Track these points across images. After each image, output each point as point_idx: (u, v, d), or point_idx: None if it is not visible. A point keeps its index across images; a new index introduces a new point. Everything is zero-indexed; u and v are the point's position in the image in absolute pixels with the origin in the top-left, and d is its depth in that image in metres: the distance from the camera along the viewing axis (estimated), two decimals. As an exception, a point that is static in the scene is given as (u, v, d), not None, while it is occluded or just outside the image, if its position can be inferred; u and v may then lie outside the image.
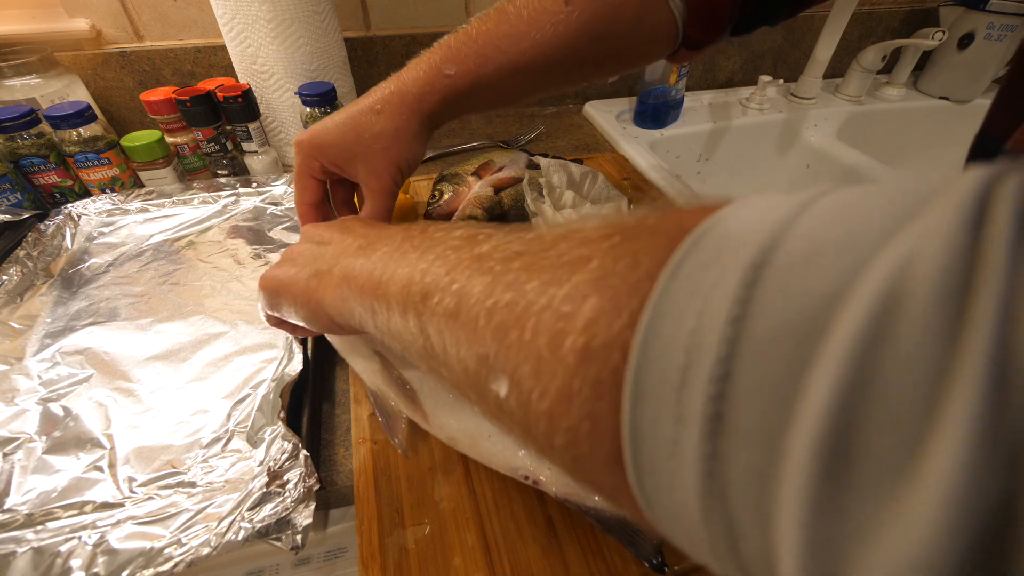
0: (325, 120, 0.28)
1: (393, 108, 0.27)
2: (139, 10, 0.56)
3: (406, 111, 0.27)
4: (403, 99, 0.27)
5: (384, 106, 0.27)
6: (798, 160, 0.73)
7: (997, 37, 0.69)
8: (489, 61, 0.27)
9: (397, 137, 0.27)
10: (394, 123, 0.27)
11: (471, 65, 0.27)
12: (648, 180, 0.55)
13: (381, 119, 0.27)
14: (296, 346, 0.32)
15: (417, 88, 0.27)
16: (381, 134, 0.27)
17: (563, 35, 0.26)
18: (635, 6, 0.27)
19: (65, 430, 0.30)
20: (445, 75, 0.27)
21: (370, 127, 0.27)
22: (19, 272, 0.40)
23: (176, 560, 0.23)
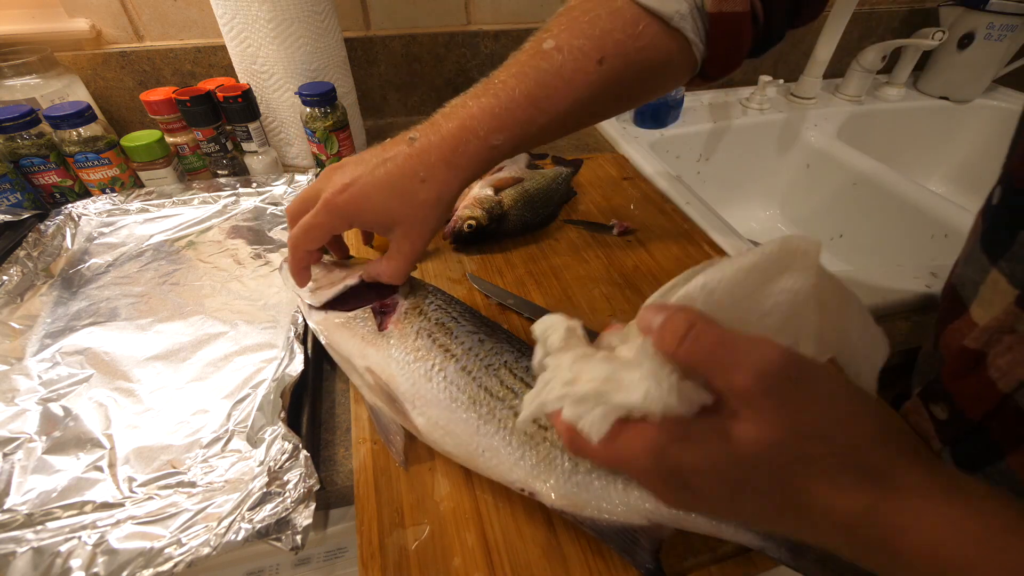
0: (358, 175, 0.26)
1: (438, 176, 0.27)
2: (139, 10, 0.56)
3: (451, 179, 0.27)
4: (448, 169, 0.27)
5: (427, 173, 0.27)
6: (798, 160, 0.73)
7: (997, 37, 0.69)
8: (533, 124, 0.27)
9: (437, 205, 0.27)
10: (437, 192, 0.27)
11: (516, 131, 0.27)
12: (648, 180, 0.55)
13: (425, 188, 0.27)
14: (297, 346, 0.32)
15: (465, 160, 0.27)
16: (425, 202, 0.27)
17: (596, 88, 0.28)
18: (661, 54, 0.28)
19: (65, 430, 0.30)
20: (493, 147, 0.27)
21: (414, 194, 0.27)
22: (19, 272, 0.40)
23: (176, 560, 0.23)
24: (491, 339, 0.28)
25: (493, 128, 0.27)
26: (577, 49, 0.27)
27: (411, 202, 0.27)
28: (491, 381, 0.26)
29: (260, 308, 0.38)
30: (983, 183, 0.89)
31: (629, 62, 0.27)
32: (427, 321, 0.29)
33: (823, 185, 0.70)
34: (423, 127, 0.28)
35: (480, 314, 0.31)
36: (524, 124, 0.27)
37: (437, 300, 0.31)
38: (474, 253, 0.44)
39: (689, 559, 0.24)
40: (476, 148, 0.27)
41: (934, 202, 0.56)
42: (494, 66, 0.28)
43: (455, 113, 0.27)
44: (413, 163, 0.27)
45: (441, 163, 0.27)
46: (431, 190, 0.27)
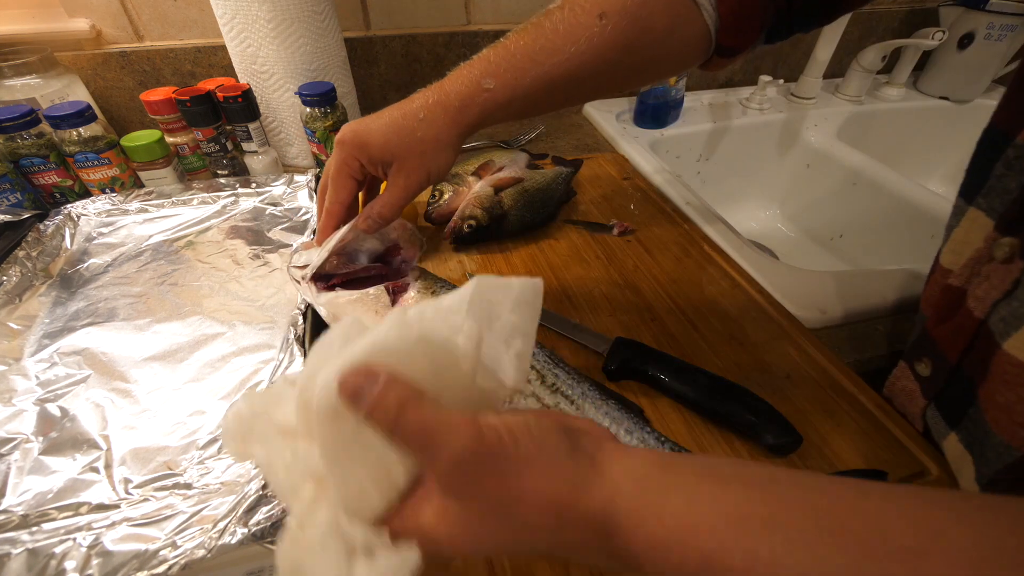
0: (366, 120, 0.29)
1: (435, 117, 0.28)
2: (139, 10, 0.56)
3: (448, 121, 0.28)
4: (446, 110, 0.28)
5: (427, 114, 0.28)
6: (798, 160, 0.73)
7: (997, 37, 0.69)
8: (526, 74, 0.28)
9: (435, 144, 0.29)
10: (435, 131, 0.28)
11: (508, 78, 0.28)
12: (648, 180, 0.55)
13: (423, 125, 0.28)
14: (296, 348, 0.32)
15: (459, 100, 0.28)
16: (422, 139, 0.28)
17: (597, 47, 0.27)
18: (667, 17, 0.28)
19: (62, 431, 0.29)
20: (485, 89, 0.28)
21: (412, 131, 0.28)
22: (18, 272, 0.40)
23: (170, 563, 0.23)
24: None
25: (486, 72, 0.28)
26: (579, 6, 0.27)
27: (409, 138, 0.28)
28: None
29: (258, 309, 0.38)
30: (984, 183, 0.88)
31: (631, 20, 0.27)
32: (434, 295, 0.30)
33: (823, 185, 0.70)
34: (434, 84, 0.29)
35: None
36: (518, 72, 0.27)
37: (448, 287, 0.31)
38: (474, 253, 0.44)
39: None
40: (469, 90, 0.28)
41: (934, 202, 0.56)
42: None
43: (460, 67, 0.29)
44: (414, 105, 0.29)
45: (438, 105, 0.28)
46: (428, 128, 0.28)
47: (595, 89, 0.31)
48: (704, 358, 0.34)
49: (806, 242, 0.73)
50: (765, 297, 0.39)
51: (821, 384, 0.32)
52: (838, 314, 0.37)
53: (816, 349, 0.34)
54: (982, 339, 0.25)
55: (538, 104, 0.30)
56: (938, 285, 0.29)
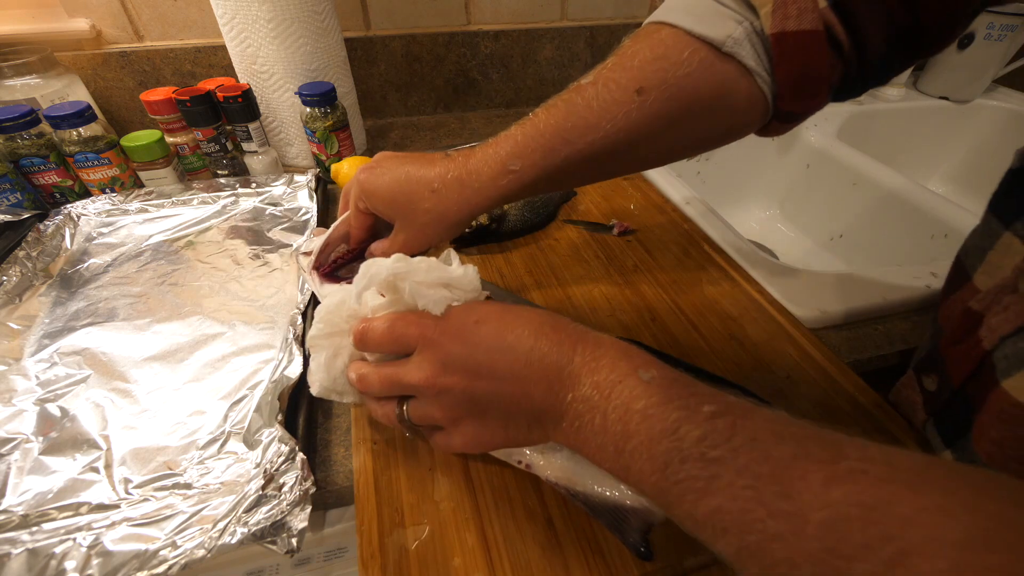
0: (382, 167, 0.29)
1: (449, 192, 0.27)
2: (139, 10, 0.56)
3: (460, 200, 0.27)
4: (462, 188, 0.27)
5: (441, 186, 0.27)
6: (798, 160, 0.73)
7: (997, 37, 0.69)
8: (556, 153, 0.26)
9: (439, 220, 0.28)
10: (443, 207, 0.27)
11: (536, 159, 0.26)
12: (648, 180, 0.55)
13: (433, 198, 0.27)
14: (295, 348, 0.32)
15: (478, 181, 0.27)
16: (427, 211, 0.28)
17: (635, 123, 0.25)
18: (713, 87, 0.25)
19: (62, 431, 0.29)
20: (510, 170, 0.27)
21: (419, 201, 0.28)
22: (18, 272, 0.40)
23: (170, 562, 0.23)
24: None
25: (513, 154, 0.26)
26: (613, 81, 0.25)
27: (415, 207, 0.28)
28: None
29: (258, 309, 0.38)
30: (983, 183, 0.89)
31: (673, 93, 0.24)
32: None
33: (823, 185, 0.70)
34: (463, 150, 0.28)
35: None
36: (546, 152, 0.26)
37: None
38: (474, 253, 0.44)
39: (689, 559, 0.24)
40: (493, 171, 0.27)
41: (934, 202, 0.56)
42: (494, 66, 0.28)
43: (488, 143, 0.28)
44: (432, 173, 0.27)
45: (455, 181, 0.27)
46: (437, 203, 0.27)
47: (633, 163, 0.29)
48: (704, 358, 0.34)
49: (806, 242, 0.73)
50: (765, 297, 0.39)
51: (821, 384, 0.32)
52: (838, 314, 0.37)
53: (816, 349, 0.34)
54: (985, 370, 0.24)
55: (568, 181, 0.28)
56: (961, 304, 0.27)
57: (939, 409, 0.28)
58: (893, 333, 0.37)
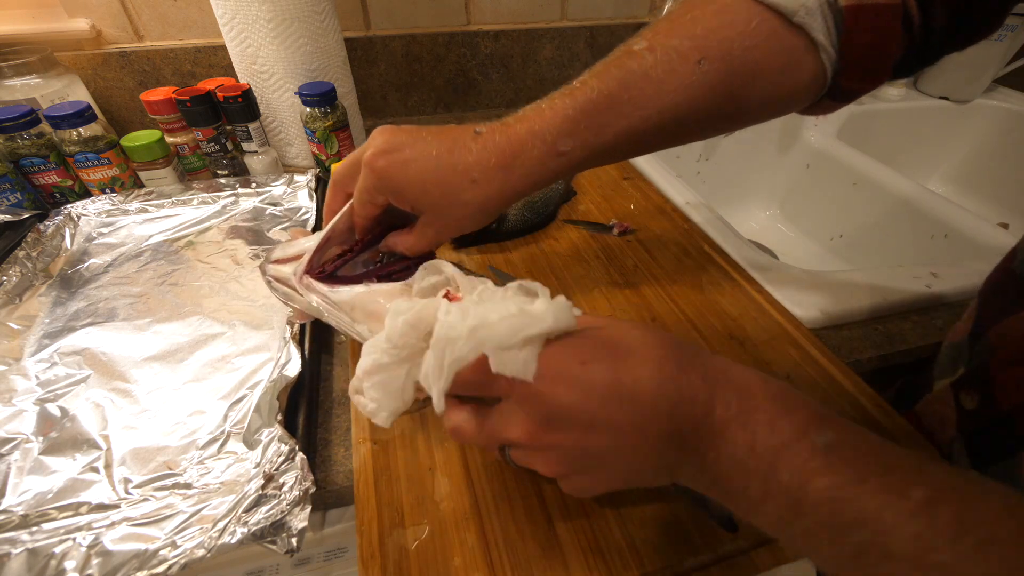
0: (400, 148, 0.24)
1: (490, 181, 0.24)
2: (139, 10, 0.56)
3: (504, 189, 0.24)
4: (506, 177, 0.24)
5: (481, 176, 0.24)
6: (798, 160, 0.73)
7: (997, 37, 0.69)
8: (608, 130, 0.23)
9: (480, 211, 0.25)
10: (484, 197, 0.24)
11: (588, 137, 0.23)
12: (648, 180, 0.55)
13: (474, 189, 0.24)
14: (294, 348, 0.32)
15: (524, 168, 0.24)
16: (468, 203, 0.24)
17: (693, 97, 0.23)
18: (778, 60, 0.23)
19: (62, 431, 0.29)
20: (560, 153, 0.24)
21: (458, 192, 0.24)
22: (18, 272, 0.40)
23: (170, 562, 0.23)
24: None
25: (563, 132, 0.23)
26: (672, 49, 0.22)
27: (453, 200, 0.24)
28: None
29: (258, 309, 0.38)
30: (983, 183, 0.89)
31: (736, 65, 0.22)
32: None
33: (823, 185, 0.70)
34: (492, 124, 0.25)
35: None
36: (598, 129, 0.23)
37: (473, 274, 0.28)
38: (474, 253, 0.44)
39: (689, 559, 0.24)
40: (541, 154, 0.23)
41: (934, 202, 0.56)
42: (494, 66, 0.27)
43: (526, 116, 0.24)
44: (469, 160, 0.24)
45: (499, 168, 0.24)
46: (478, 194, 0.24)
47: (676, 139, 0.26)
48: (704, 358, 0.34)
49: (806, 242, 0.73)
50: (765, 297, 0.39)
51: (821, 384, 0.32)
52: (838, 314, 0.37)
53: (816, 349, 0.34)
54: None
55: (611, 159, 0.25)
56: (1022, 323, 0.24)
57: (975, 429, 0.27)
58: (893, 333, 0.37)
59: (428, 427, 0.29)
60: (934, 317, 0.38)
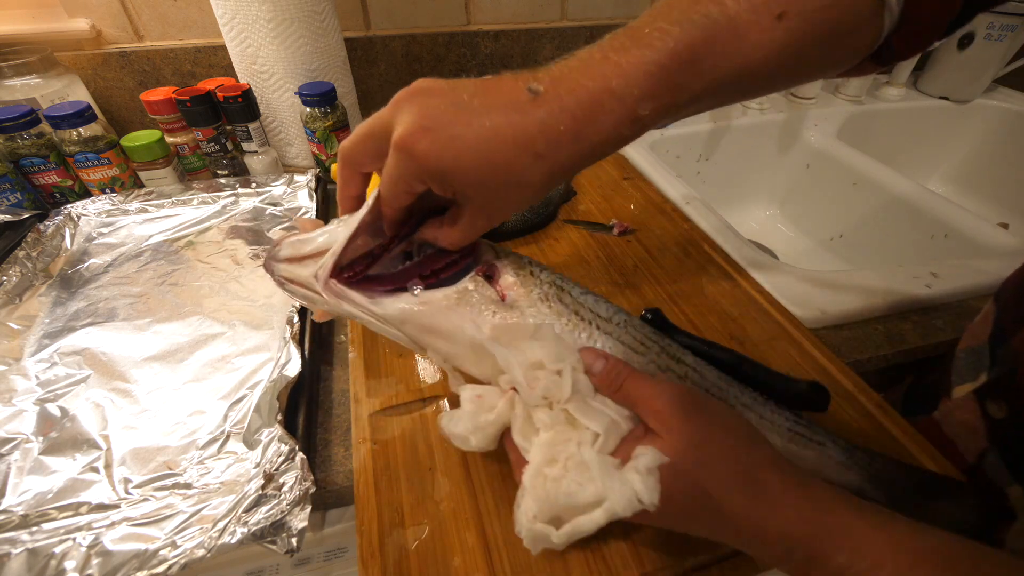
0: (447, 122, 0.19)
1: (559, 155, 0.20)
2: (139, 10, 0.56)
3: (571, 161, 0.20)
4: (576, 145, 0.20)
5: (547, 150, 0.19)
6: (798, 160, 0.73)
7: (997, 37, 0.69)
8: (686, 91, 0.20)
9: (544, 188, 0.21)
10: (550, 172, 0.20)
11: (668, 101, 0.20)
12: (648, 180, 0.55)
13: (539, 165, 0.20)
14: (294, 347, 0.32)
15: (598, 136, 0.20)
16: (530, 184, 0.20)
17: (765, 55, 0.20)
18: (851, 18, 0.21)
19: (62, 431, 0.29)
20: (637, 118, 0.20)
21: (522, 172, 0.20)
22: (18, 272, 0.40)
23: (170, 562, 0.23)
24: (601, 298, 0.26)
25: (647, 92, 0.19)
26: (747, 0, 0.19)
27: (514, 180, 0.20)
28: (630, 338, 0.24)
29: (258, 309, 0.38)
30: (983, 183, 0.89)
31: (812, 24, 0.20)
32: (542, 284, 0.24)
33: (823, 185, 0.70)
34: (546, 77, 0.20)
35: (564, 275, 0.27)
36: (678, 90, 0.19)
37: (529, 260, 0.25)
38: (474, 253, 0.44)
39: (689, 559, 0.24)
40: (617, 119, 0.19)
41: (934, 202, 0.56)
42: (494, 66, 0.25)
43: (592, 66, 0.19)
44: (532, 129, 0.19)
45: (570, 136, 0.19)
46: (543, 170, 0.20)
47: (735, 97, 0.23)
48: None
49: (806, 242, 0.73)
50: (765, 297, 0.39)
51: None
52: (838, 314, 0.37)
53: (816, 349, 0.34)
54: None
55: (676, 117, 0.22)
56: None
57: (1011, 439, 0.27)
58: (893, 333, 0.37)
59: (428, 427, 0.29)
60: (934, 317, 0.38)
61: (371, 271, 0.23)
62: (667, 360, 0.25)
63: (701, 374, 0.25)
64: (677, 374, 0.25)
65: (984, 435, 0.28)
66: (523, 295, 0.24)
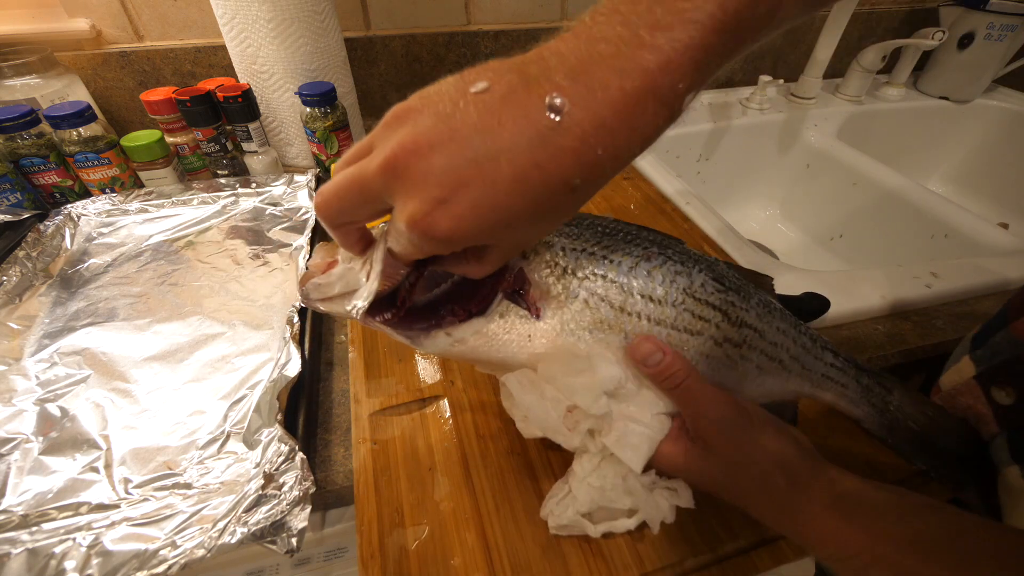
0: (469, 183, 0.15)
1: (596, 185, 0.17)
2: (139, 10, 0.56)
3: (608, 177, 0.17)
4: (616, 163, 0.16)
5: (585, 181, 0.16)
6: (798, 160, 0.73)
7: (997, 37, 0.69)
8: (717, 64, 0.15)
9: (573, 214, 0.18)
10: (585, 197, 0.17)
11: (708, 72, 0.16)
12: (648, 180, 0.55)
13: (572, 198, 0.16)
14: (294, 347, 0.32)
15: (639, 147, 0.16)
16: (564, 215, 0.18)
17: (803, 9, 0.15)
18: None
19: (62, 431, 0.29)
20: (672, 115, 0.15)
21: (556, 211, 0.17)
22: (18, 272, 0.40)
23: (170, 562, 0.23)
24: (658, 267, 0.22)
25: (691, 84, 0.15)
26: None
27: (548, 218, 0.17)
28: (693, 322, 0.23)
29: (258, 309, 0.38)
30: (983, 183, 0.89)
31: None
32: (580, 281, 0.22)
33: (823, 185, 0.70)
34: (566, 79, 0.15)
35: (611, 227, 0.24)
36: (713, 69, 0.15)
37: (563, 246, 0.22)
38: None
39: (689, 559, 0.24)
40: (656, 125, 0.15)
41: (934, 202, 0.56)
42: None
43: (625, 54, 0.14)
44: (565, 162, 0.15)
45: (608, 159, 0.15)
46: (579, 201, 0.16)
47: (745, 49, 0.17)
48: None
49: (806, 242, 0.73)
50: (765, 297, 0.39)
51: (821, 384, 0.32)
52: (838, 314, 0.37)
53: (816, 349, 0.34)
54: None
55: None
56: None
57: (1016, 424, 0.27)
58: (893, 333, 0.37)
59: (428, 427, 0.29)
60: (934, 317, 0.38)
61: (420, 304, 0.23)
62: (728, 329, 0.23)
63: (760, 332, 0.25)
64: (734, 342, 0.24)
65: (993, 421, 0.28)
66: (557, 306, 0.22)
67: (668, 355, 0.22)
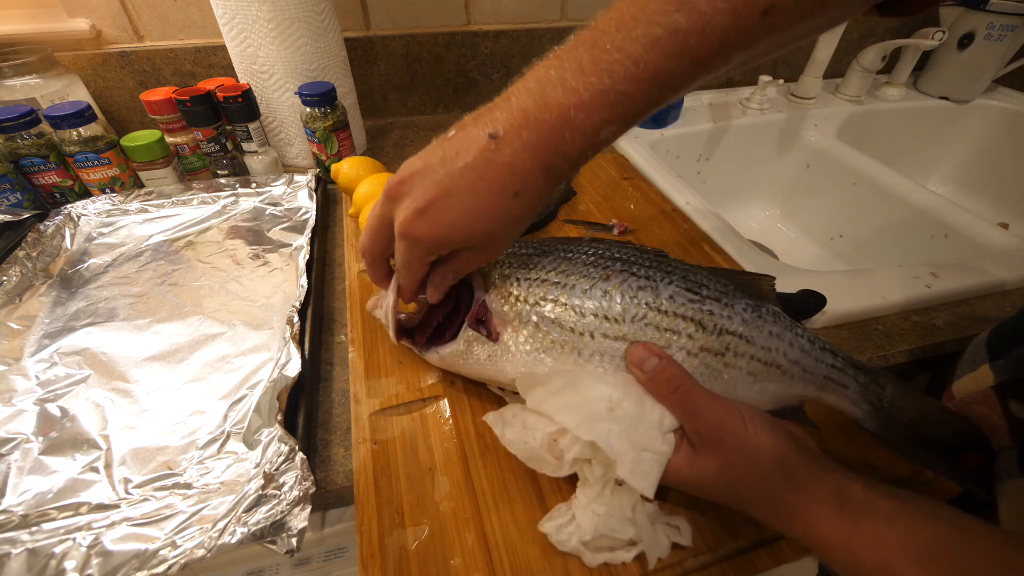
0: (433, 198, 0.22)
1: (535, 189, 0.21)
2: (139, 10, 0.56)
3: (549, 187, 0.22)
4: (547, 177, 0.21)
5: (523, 188, 0.21)
6: (798, 160, 0.73)
7: (997, 37, 0.69)
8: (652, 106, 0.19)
9: (530, 215, 0.23)
10: (533, 203, 0.22)
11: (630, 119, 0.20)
12: (648, 180, 0.55)
13: (519, 202, 0.21)
14: (294, 347, 0.32)
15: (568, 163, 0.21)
16: (516, 219, 0.22)
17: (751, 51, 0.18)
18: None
19: (62, 431, 0.29)
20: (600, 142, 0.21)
21: (505, 213, 0.22)
22: (18, 272, 0.40)
23: (170, 562, 0.23)
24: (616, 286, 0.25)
25: (607, 119, 0.19)
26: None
27: (502, 222, 0.22)
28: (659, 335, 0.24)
29: (258, 309, 0.38)
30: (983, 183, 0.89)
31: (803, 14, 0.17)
32: (531, 307, 0.26)
33: (823, 185, 0.70)
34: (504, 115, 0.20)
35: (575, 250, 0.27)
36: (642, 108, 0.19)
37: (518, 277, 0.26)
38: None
39: (689, 559, 0.24)
40: (581, 147, 0.20)
41: (934, 202, 0.56)
42: (494, 66, 0.25)
43: (550, 97, 0.19)
44: (503, 174, 0.21)
45: (539, 170, 0.21)
46: (525, 204, 0.22)
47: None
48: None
49: (806, 242, 0.73)
50: (765, 297, 0.39)
51: (821, 384, 0.32)
52: (838, 314, 0.37)
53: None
54: None
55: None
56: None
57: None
58: (893, 333, 0.37)
59: (428, 427, 0.29)
60: (934, 317, 0.38)
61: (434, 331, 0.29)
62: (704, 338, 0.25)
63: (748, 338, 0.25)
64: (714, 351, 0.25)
65: (1007, 433, 0.28)
66: (512, 331, 0.26)
67: (663, 360, 0.23)
